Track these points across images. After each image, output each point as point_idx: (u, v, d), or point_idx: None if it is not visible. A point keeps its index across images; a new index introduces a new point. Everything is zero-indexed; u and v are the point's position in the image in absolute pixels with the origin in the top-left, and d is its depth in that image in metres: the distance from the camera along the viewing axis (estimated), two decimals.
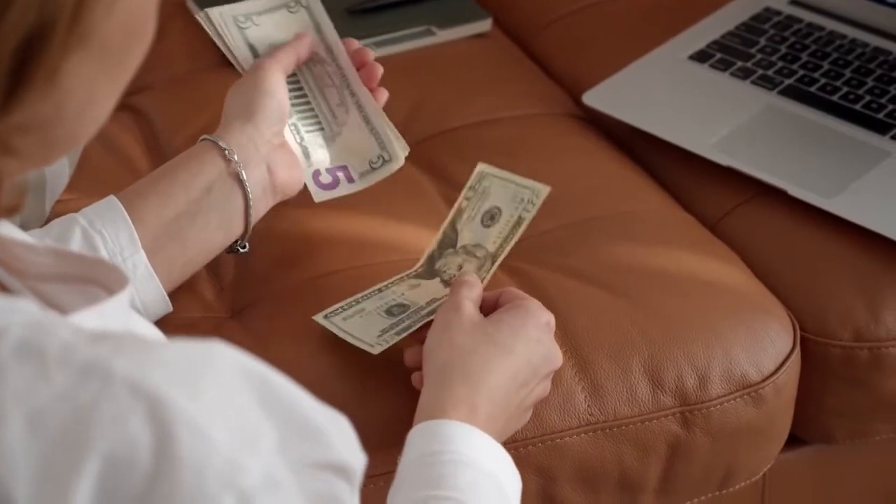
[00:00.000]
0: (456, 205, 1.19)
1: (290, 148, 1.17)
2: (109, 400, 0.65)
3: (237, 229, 1.13)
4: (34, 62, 0.66)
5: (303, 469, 0.69)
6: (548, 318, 1.07)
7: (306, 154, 1.19)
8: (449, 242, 1.17)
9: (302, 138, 1.19)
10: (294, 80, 1.21)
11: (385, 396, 1.09)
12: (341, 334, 1.11)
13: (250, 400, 0.68)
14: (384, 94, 1.21)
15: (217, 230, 1.11)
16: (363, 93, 1.20)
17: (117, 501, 0.65)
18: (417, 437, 0.98)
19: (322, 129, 1.21)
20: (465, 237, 1.16)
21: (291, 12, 1.21)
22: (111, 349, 0.67)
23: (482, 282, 1.11)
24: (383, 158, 1.20)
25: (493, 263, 1.13)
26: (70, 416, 0.65)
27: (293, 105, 1.19)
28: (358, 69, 1.20)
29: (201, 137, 1.14)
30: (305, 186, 1.18)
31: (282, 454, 0.68)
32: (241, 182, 1.11)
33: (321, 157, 1.20)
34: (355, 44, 1.22)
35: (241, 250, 1.15)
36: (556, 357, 1.08)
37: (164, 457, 0.65)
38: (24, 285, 0.77)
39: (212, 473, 0.65)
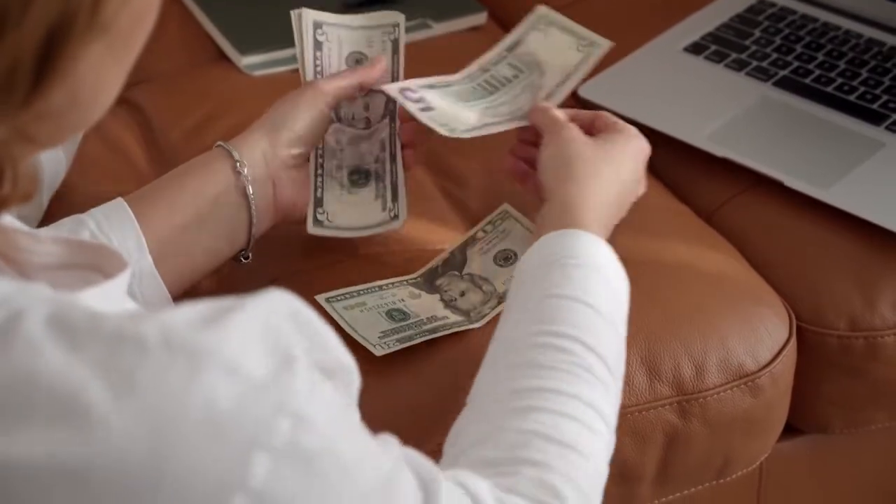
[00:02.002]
0: (471, 232, 1.21)
1: (303, 171, 1.15)
2: (147, 362, 0.67)
3: (241, 241, 1.13)
4: (55, 55, 0.67)
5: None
6: (645, 144, 1.15)
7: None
8: (455, 265, 1.18)
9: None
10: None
11: (384, 388, 1.10)
12: (341, 323, 1.11)
13: (276, 318, 0.71)
14: (418, 157, 1.21)
15: (222, 241, 1.12)
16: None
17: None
18: (546, 243, 1.04)
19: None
20: (474, 266, 1.18)
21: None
22: (133, 316, 0.69)
23: (485, 318, 1.13)
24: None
25: (498, 302, 1.14)
26: (110, 385, 0.67)
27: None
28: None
29: (216, 143, 1.13)
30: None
31: (310, 357, 0.71)
32: (246, 196, 1.12)
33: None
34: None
35: (244, 260, 1.15)
36: (643, 184, 1.17)
37: (209, 401, 0.67)
38: (27, 276, 0.78)
39: (261, 403, 0.68)
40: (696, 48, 1.49)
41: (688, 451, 1.17)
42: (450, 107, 1.17)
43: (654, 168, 1.39)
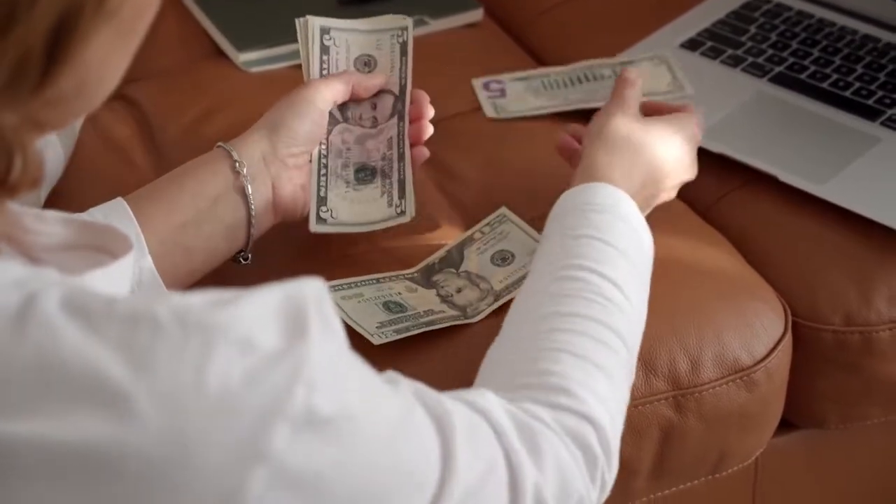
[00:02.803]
0: (468, 232, 1.21)
1: (303, 171, 1.16)
2: (163, 340, 0.68)
3: (240, 241, 1.14)
4: (64, 43, 0.69)
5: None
6: (696, 131, 1.20)
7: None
8: (452, 263, 1.19)
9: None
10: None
11: None
12: (339, 312, 1.11)
13: (294, 296, 0.72)
14: (425, 154, 1.22)
15: (222, 240, 1.12)
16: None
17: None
18: (571, 194, 1.09)
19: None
20: (472, 265, 1.18)
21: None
22: (146, 298, 0.70)
23: (481, 314, 1.14)
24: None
25: (495, 300, 1.15)
26: (130, 364, 0.67)
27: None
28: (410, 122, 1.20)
29: (216, 144, 1.14)
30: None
31: (321, 317, 0.72)
32: (246, 196, 1.12)
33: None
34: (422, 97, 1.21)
35: (244, 261, 1.16)
36: (693, 170, 1.21)
37: (224, 377, 0.68)
38: (33, 258, 0.79)
39: (275, 375, 0.69)
40: (692, 44, 1.50)
41: (683, 446, 1.18)
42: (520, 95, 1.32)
43: None
